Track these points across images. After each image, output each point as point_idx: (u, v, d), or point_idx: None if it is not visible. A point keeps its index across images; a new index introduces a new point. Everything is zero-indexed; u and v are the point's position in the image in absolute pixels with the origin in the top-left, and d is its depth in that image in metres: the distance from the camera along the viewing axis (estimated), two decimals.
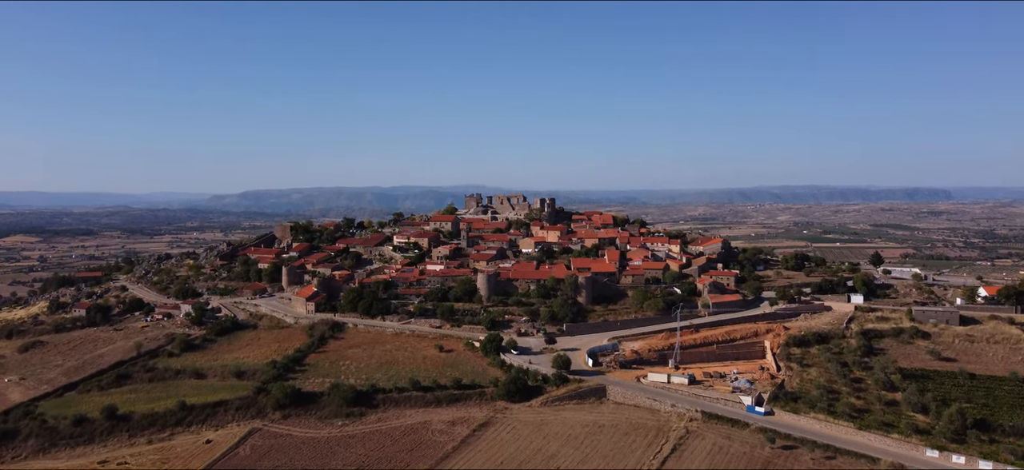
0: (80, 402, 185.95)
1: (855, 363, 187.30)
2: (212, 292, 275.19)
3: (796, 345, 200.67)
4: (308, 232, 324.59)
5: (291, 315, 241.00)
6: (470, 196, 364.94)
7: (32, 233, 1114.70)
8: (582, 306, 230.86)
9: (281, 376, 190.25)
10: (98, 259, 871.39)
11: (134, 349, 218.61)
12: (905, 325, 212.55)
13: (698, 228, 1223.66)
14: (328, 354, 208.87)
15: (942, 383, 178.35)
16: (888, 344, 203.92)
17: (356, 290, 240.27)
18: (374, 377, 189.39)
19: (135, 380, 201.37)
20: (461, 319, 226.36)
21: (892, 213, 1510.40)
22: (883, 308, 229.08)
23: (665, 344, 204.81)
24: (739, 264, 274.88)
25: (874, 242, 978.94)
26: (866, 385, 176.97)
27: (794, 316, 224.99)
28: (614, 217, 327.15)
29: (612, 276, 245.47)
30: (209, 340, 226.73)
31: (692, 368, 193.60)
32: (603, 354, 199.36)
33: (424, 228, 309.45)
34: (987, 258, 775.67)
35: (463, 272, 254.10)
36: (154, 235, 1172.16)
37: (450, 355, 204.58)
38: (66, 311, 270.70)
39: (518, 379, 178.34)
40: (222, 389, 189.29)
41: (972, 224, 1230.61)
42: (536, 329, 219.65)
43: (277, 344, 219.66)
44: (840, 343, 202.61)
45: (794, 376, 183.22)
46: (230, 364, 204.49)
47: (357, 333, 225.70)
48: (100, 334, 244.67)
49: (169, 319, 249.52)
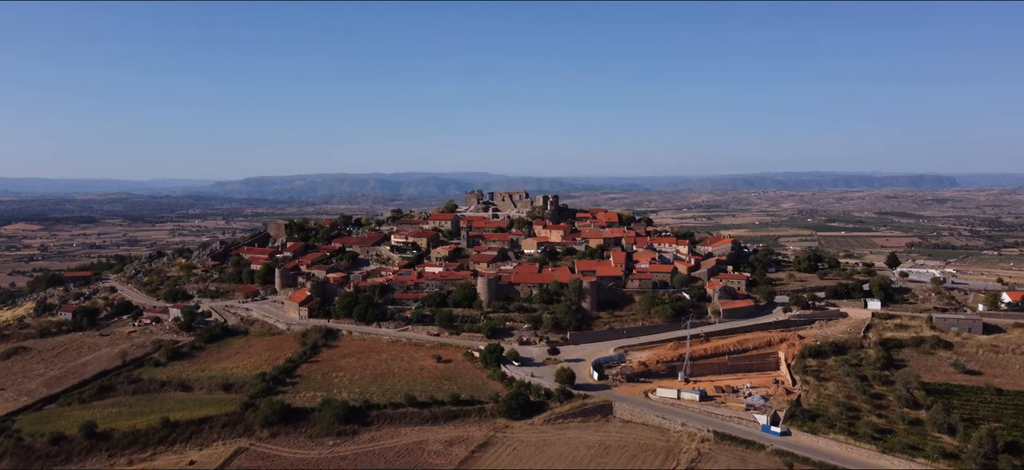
0: (60, 417, 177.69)
1: (875, 377, 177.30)
2: (203, 294, 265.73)
3: (812, 356, 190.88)
4: (303, 231, 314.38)
5: (283, 320, 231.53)
6: (470, 193, 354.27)
7: (34, 221, 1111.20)
8: (587, 312, 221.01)
9: (270, 389, 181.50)
10: (99, 248, 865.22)
11: (119, 357, 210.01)
12: (926, 334, 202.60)
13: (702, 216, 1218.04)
14: (321, 364, 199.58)
15: (968, 399, 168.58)
16: (908, 355, 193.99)
17: (351, 295, 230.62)
18: (368, 391, 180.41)
19: (118, 392, 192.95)
20: (460, 326, 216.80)
21: (897, 201, 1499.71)
22: (901, 315, 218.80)
23: (674, 355, 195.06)
24: (750, 265, 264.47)
25: (879, 231, 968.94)
26: (887, 402, 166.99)
27: (809, 324, 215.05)
28: (619, 215, 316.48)
29: (618, 280, 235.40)
30: (197, 348, 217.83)
31: (702, 381, 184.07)
32: (609, 366, 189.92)
33: (423, 227, 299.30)
34: (994, 247, 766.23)
35: (463, 275, 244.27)
36: (156, 223, 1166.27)
37: (448, 366, 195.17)
38: (53, 313, 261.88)
39: (519, 395, 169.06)
40: (208, 403, 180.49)
41: (977, 212, 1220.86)
42: (539, 337, 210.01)
43: (268, 353, 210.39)
44: (858, 354, 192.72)
45: (811, 391, 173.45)
46: (218, 375, 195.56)
47: (351, 341, 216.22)
48: (86, 339, 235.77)
49: (157, 324, 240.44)
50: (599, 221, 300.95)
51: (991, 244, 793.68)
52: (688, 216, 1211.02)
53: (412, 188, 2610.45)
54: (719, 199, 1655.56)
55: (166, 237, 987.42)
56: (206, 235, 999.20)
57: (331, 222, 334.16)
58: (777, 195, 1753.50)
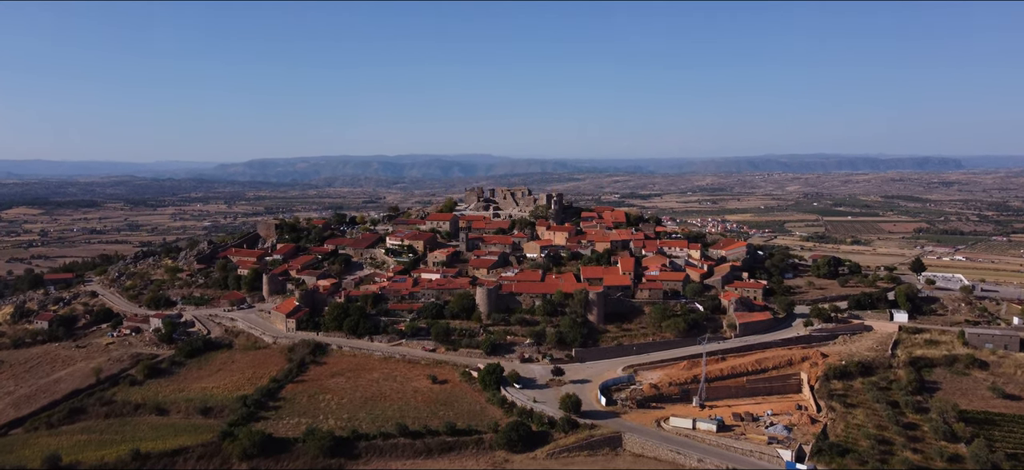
0: (25, 444, 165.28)
1: (907, 403, 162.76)
2: (187, 301, 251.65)
3: (837, 378, 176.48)
4: (294, 231, 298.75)
5: (270, 333, 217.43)
6: (470, 190, 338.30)
7: (35, 204, 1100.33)
8: (593, 326, 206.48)
9: (252, 415, 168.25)
10: (99, 233, 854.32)
11: (93, 375, 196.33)
12: (959, 351, 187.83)
13: (707, 199, 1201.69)
14: (307, 384, 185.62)
15: (1011, 430, 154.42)
16: (941, 376, 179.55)
17: (341, 306, 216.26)
18: (357, 417, 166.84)
19: (90, 415, 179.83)
20: (458, 341, 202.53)
21: (902, 184, 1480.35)
22: (931, 329, 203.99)
23: (688, 375, 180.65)
24: (766, 271, 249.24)
25: (886, 215, 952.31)
26: (922, 433, 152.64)
27: (831, 338, 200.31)
28: (627, 214, 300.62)
29: (626, 290, 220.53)
30: (177, 363, 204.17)
31: (719, 406, 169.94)
32: (618, 389, 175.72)
33: (420, 228, 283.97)
34: (1003, 233, 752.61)
35: (461, 283, 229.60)
36: (157, 207, 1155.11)
37: (444, 388, 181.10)
38: (30, 320, 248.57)
39: (521, 425, 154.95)
40: (184, 431, 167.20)
41: (984, 195, 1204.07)
42: (541, 355, 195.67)
43: (252, 370, 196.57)
44: (887, 375, 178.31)
45: (838, 420, 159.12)
46: (196, 397, 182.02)
47: (341, 357, 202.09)
48: (61, 352, 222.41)
49: (137, 334, 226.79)
50: (606, 221, 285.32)
51: (1000, 230, 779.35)
52: (692, 200, 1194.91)
53: (415, 170, 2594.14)
54: (723, 182, 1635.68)
55: (167, 221, 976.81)
56: (207, 220, 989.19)
57: (324, 221, 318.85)
58: (782, 178, 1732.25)
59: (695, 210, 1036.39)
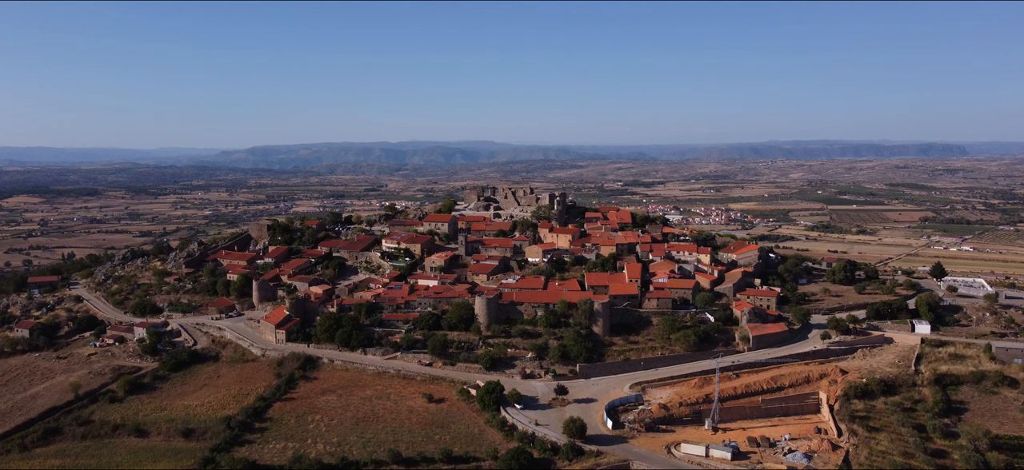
0: None
1: (935, 428, 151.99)
2: (174, 307, 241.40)
3: (858, 397, 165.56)
4: (287, 232, 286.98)
5: (258, 344, 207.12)
6: (470, 189, 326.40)
7: (36, 193, 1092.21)
8: (598, 338, 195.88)
9: (236, 438, 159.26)
10: (99, 222, 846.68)
11: (71, 391, 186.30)
12: (987, 367, 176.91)
13: (710, 187, 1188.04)
14: (296, 403, 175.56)
15: None
16: (968, 394, 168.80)
17: (334, 316, 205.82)
18: (347, 441, 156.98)
19: (66, 436, 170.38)
20: (455, 354, 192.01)
21: (907, 171, 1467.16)
22: (955, 342, 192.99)
23: (700, 394, 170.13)
24: (779, 277, 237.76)
25: (891, 204, 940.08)
26: (952, 461, 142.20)
27: (850, 352, 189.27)
28: (633, 215, 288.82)
29: (633, 299, 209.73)
30: (160, 377, 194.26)
31: (733, 429, 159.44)
32: (625, 410, 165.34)
33: (417, 230, 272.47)
34: (1009, 222, 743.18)
35: (460, 290, 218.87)
36: (159, 195, 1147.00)
37: (441, 407, 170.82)
38: (11, 327, 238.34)
39: (521, 453, 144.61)
40: (164, 455, 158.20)
41: (990, 182, 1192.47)
42: (544, 370, 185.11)
43: (238, 385, 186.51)
44: (911, 394, 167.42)
45: (861, 446, 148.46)
46: (178, 417, 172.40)
47: (333, 372, 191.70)
48: (41, 363, 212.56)
49: (120, 344, 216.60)
50: (611, 222, 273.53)
51: (1006, 218, 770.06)
52: (696, 188, 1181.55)
53: (417, 157, 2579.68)
54: (727, 169, 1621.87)
55: (168, 210, 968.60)
56: (208, 208, 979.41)
57: (318, 222, 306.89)
58: (786, 165, 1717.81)
59: (699, 198, 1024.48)
